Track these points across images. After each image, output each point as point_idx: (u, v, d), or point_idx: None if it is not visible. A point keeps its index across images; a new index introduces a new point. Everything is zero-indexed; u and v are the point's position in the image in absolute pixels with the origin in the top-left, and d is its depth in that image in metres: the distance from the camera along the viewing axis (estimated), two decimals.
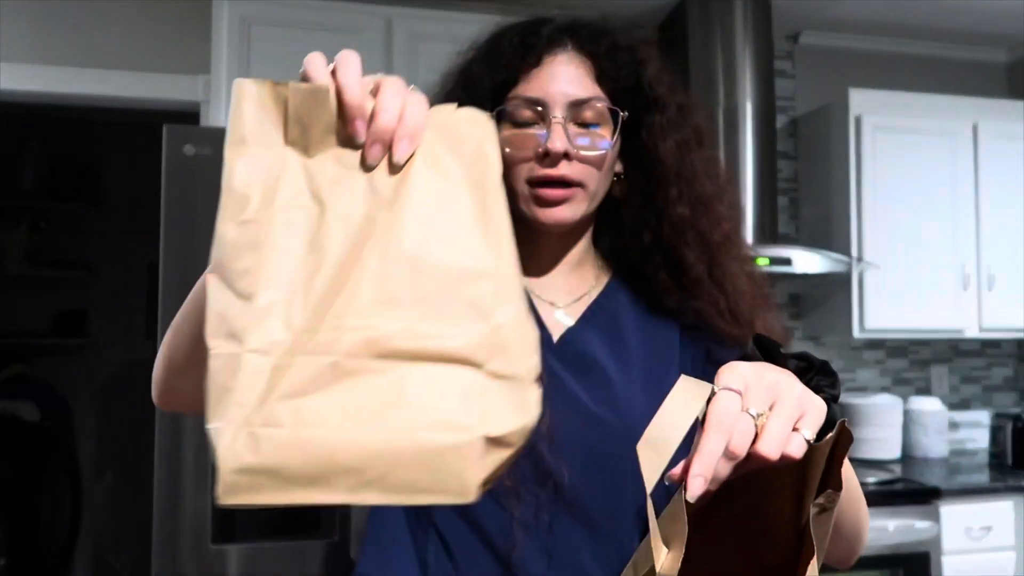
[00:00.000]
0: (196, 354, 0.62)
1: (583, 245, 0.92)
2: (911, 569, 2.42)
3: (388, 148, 0.53)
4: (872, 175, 2.83)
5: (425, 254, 0.50)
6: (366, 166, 0.52)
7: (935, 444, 2.96)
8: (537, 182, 0.83)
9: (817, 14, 3.07)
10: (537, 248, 0.90)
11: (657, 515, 0.50)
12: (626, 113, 0.86)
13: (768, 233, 2.79)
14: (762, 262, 2.61)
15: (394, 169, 0.52)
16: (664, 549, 0.48)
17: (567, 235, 0.90)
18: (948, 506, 2.48)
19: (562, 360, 0.85)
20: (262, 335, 0.46)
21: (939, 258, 2.88)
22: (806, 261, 2.65)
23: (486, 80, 0.86)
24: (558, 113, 0.83)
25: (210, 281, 0.48)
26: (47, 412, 3.63)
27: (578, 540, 0.80)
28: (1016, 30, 3.21)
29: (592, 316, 0.89)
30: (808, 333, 3.14)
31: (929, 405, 3.00)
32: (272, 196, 0.50)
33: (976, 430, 3.27)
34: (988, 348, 3.33)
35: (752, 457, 0.50)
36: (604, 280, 0.92)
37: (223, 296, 0.48)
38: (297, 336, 0.47)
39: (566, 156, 0.82)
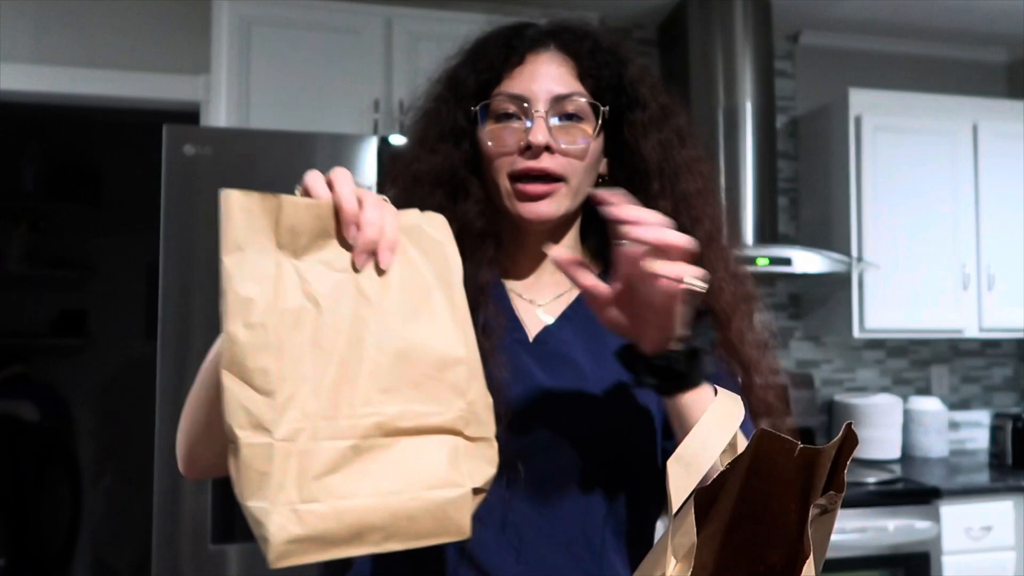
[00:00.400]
0: (211, 431, 0.70)
1: (568, 243, 0.92)
2: (911, 569, 2.42)
3: (373, 256, 0.62)
4: (872, 175, 2.83)
5: (411, 347, 0.61)
6: (354, 270, 0.62)
7: (935, 444, 2.96)
8: (519, 176, 0.85)
9: (817, 14, 3.07)
10: (522, 247, 0.91)
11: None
12: (607, 108, 0.87)
13: (768, 233, 2.79)
14: (762, 262, 2.61)
15: (378, 273, 0.63)
16: (673, 560, 0.49)
17: (551, 233, 0.90)
18: (948, 506, 2.48)
19: (536, 358, 0.86)
20: (286, 425, 0.56)
21: (939, 258, 2.88)
22: (806, 261, 2.65)
23: (471, 80, 0.89)
24: (540, 108, 0.84)
25: (227, 378, 0.57)
26: (47, 412, 3.63)
27: (539, 531, 0.81)
28: (1016, 30, 3.21)
29: (572, 314, 0.90)
30: (808, 333, 3.14)
31: (929, 405, 3.00)
32: (274, 300, 0.59)
33: (976, 430, 3.27)
34: (988, 348, 3.33)
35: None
36: None
37: (243, 392, 0.56)
38: (315, 423, 0.57)
39: (548, 149, 0.84)
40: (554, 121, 0.85)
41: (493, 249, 0.87)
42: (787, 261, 2.64)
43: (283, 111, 2.32)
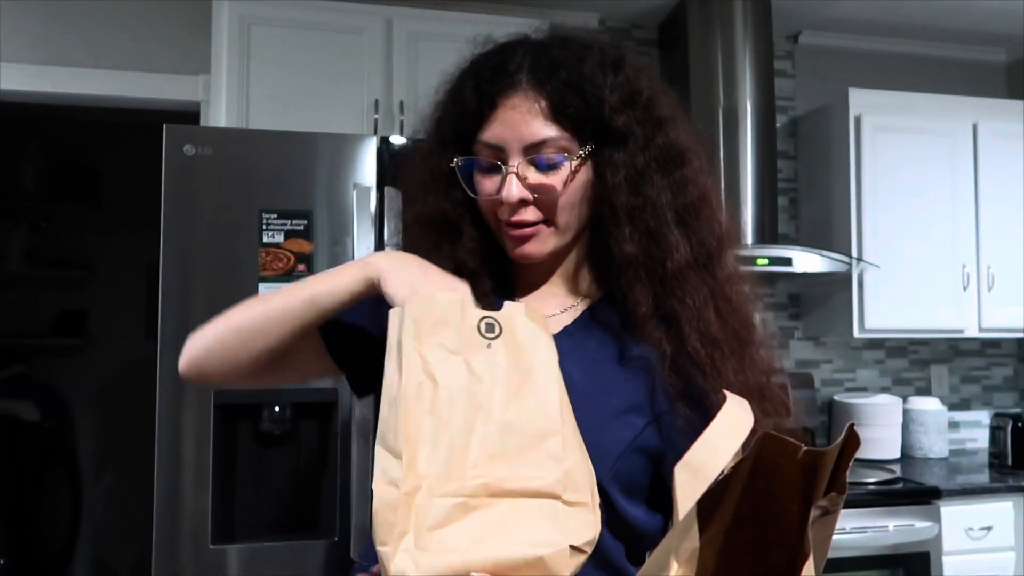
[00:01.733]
0: (260, 343, 0.88)
1: (571, 264, 0.94)
2: (911, 569, 2.42)
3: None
4: (872, 175, 2.83)
5: (514, 420, 0.70)
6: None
7: (935, 444, 2.96)
8: (506, 223, 0.88)
9: (817, 14, 3.07)
10: (527, 270, 0.94)
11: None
12: (587, 144, 0.86)
13: (768, 233, 2.79)
14: (762, 262, 2.62)
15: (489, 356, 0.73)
16: (675, 565, 0.49)
17: (549, 267, 0.93)
18: (948, 506, 2.48)
19: None
20: (409, 482, 0.65)
21: (939, 258, 2.88)
22: (806, 261, 2.65)
23: (450, 128, 0.91)
24: (513, 162, 0.84)
25: (378, 448, 0.69)
26: (47, 412, 3.63)
27: None
28: (1016, 30, 3.21)
29: (574, 330, 0.91)
30: (808, 333, 3.14)
31: (929, 405, 3.00)
32: (402, 378, 0.71)
33: (976, 430, 3.28)
34: (988, 348, 3.34)
35: None
36: (596, 296, 0.94)
37: (384, 456, 0.68)
38: (431, 482, 0.66)
39: (523, 203, 0.85)
40: (531, 171, 0.85)
41: (488, 286, 0.90)
42: (787, 261, 2.64)
43: (283, 111, 2.32)
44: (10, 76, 2.50)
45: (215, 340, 0.91)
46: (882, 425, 2.90)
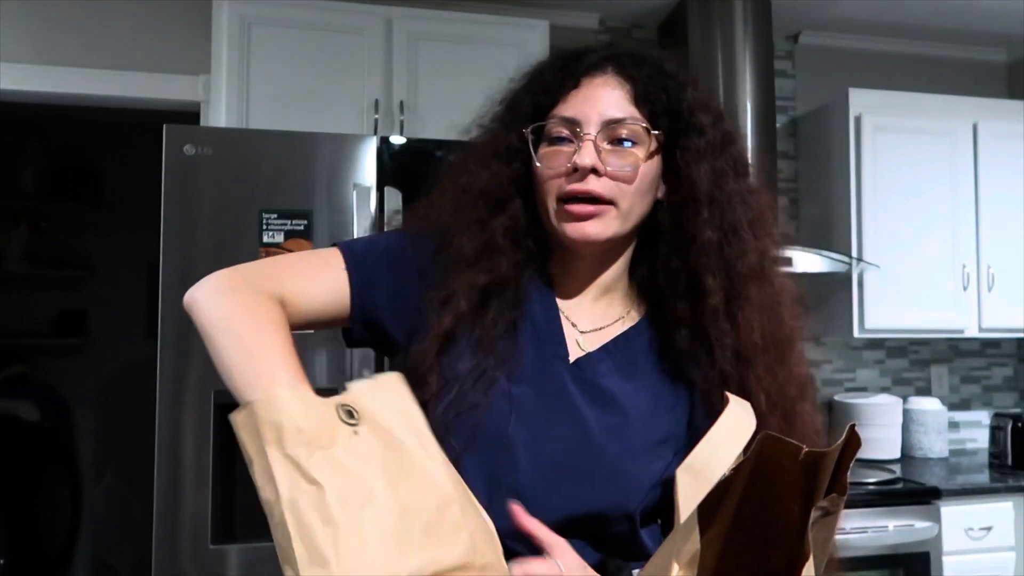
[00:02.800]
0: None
1: (615, 272, 0.92)
2: (911, 569, 2.42)
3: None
4: (872, 175, 2.83)
5: (409, 502, 0.65)
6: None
7: (935, 444, 2.96)
8: (567, 198, 0.85)
9: (817, 14, 3.07)
10: (569, 269, 0.92)
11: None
12: (661, 132, 0.87)
13: None
14: None
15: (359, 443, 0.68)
16: (676, 567, 0.49)
17: (599, 259, 0.91)
18: (948, 506, 2.48)
19: (574, 380, 0.86)
20: None
21: (939, 258, 2.88)
22: (806, 261, 2.65)
23: (527, 103, 0.90)
24: (591, 130, 0.84)
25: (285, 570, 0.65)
26: (47, 412, 3.63)
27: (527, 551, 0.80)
28: (1016, 30, 3.21)
29: (614, 349, 0.89)
30: (808, 333, 3.13)
31: (929, 405, 3.00)
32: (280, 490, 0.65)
33: (976, 430, 3.27)
34: (988, 348, 3.33)
35: None
36: (635, 318, 0.92)
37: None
38: None
39: (595, 172, 0.84)
40: (605, 145, 0.85)
41: (508, 265, 0.88)
42: (787, 261, 2.64)
43: (283, 111, 2.32)
44: (10, 76, 2.50)
45: (211, 319, 0.81)
46: (882, 425, 2.90)
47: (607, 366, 0.87)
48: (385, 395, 0.71)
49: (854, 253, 2.80)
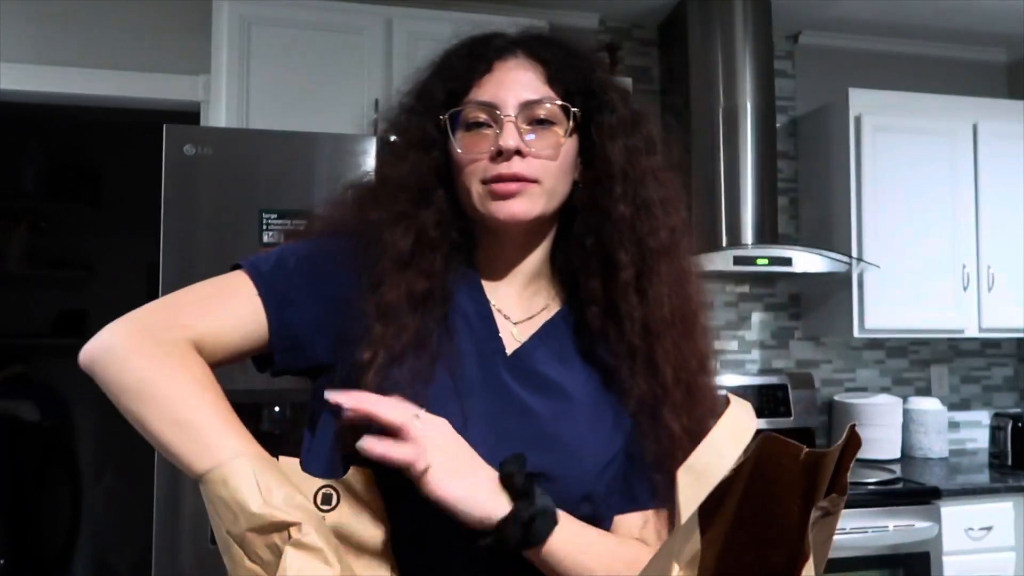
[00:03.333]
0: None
1: (539, 257, 0.91)
2: (911, 569, 2.42)
3: None
4: (872, 175, 2.83)
5: None
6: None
7: (935, 444, 2.96)
8: (492, 180, 0.84)
9: (817, 14, 3.07)
10: (495, 258, 0.91)
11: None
12: (578, 110, 0.87)
13: (768, 233, 2.79)
14: (762, 262, 2.62)
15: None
16: (676, 567, 0.49)
17: (524, 244, 0.90)
18: (948, 506, 2.48)
19: (513, 373, 0.85)
20: None
21: (939, 258, 2.88)
22: (806, 261, 2.65)
23: (439, 90, 0.89)
24: (510, 112, 0.84)
25: None
26: (47, 412, 3.63)
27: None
28: (1016, 30, 3.21)
29: (546, 336, 0.89)
30: (808, 333, 3.14)
31: (929, 405, 3.00)
32: None
33: (976, 430, 3.27)
34: (988, 348, 3.34)
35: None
36: (557, 306, 0.92)
37: None
38: None
39: (519, 153, 0.83)
40: (525, 126, 0.85)
41: (442, 260, 0.85)
42: (787, 261, 2.64)
43: (283, 111, 2.32)
44: (10, 76, 2.50)
45: (120, 380, 0.80)
46: (882, 425, 2.90)
47: (542, 353, 0.87)
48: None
49: (854, 253, 2.80)
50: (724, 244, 2.74)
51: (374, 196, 0.88)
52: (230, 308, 0.81)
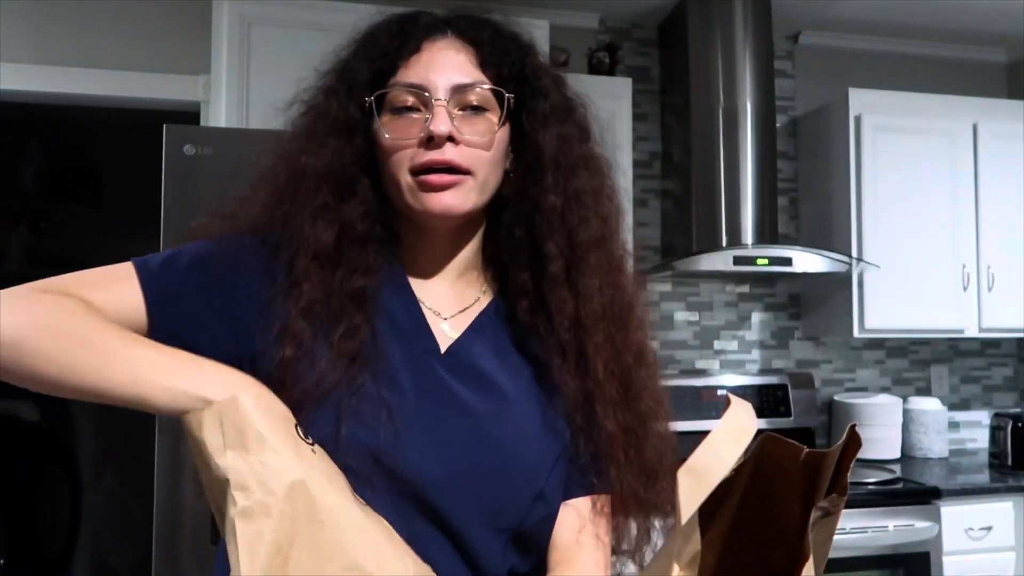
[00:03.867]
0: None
1: (471, 251, 0.87)
2: (911, 569, 2.42)
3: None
4: (872, 175, 2.83)
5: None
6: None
7: (935, 444, 2.96)
8: (422, 169, 0.79)
9: (817, 14, 3.07)
10: (423, 253, 0.86)
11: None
12: (512, 96, 0.82)
13: (768, 233, 2.79)
14: (762, 262, 2.61)
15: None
16: (676, 568, 0.49)
17: (454, 238, 0.86)
18: (948, 506, 2.48)
19: (450, 370, 0.81)
20: None
21: (939, 258, 2.88)
22: (806, 261, 2.65)
23: (364, 71, 0.83)
24: (441, 96, 0.79)
25: None
26: (47, 412, 3.63)
27: (436, 546, 0.76)
28: (1016, 30, 3.21)
29: (480, 328, 0.85)
30: (808, 333, 3.14)
31: (929, 405, 3.00)
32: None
33: (976, 430, 3.28)
34: (988, 348, 3.34)
35: None
36: (489, 297, 0.88)
37: None
38: None
39: (451, 140, 0.78)
40: (457, 111, 0.79)
41: (374, 255, 0.81)
42: (787, 261, 2.64)
43: (283, 111, 2.32)
44: (10, 76, 2.50)
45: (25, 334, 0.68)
46: (882, 425, 2.90)
47: (479, 347, 0.83)
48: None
49: (854, 253, 2.80)
50: (724, 244, 2.74)
51: (292, 188, 0.82)
52: (116, 290, 0.76)
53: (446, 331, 0.84)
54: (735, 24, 2.80)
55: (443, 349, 0.82)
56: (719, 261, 2.62)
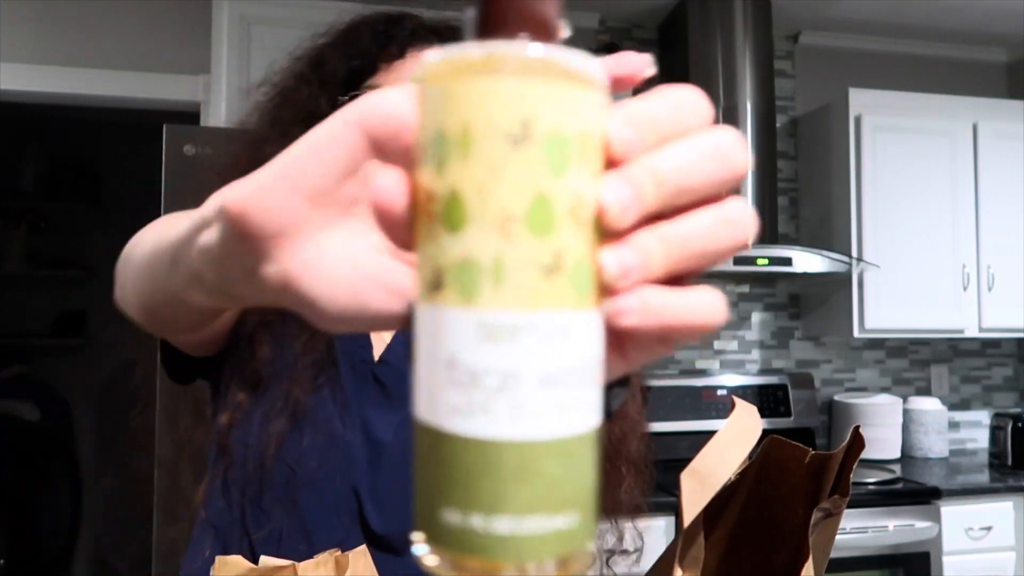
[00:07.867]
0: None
1: None
2: (911, 569, 2.42)
3: None
4: (872, 175, 2.83)
5: None
6: None
7: (935, 444, 2.96)
8: None
9: (817, 14, 3.07)
10: None
11: None
12: None
13: (768, 233, 2.79)
14: (762, 262, 2.61)
15: None
16: (679, 571, 0.49)
17: None
18: (948, 506, 2.48)
19: (387, 378, 0.76)
20: None
21: (939, 258, 2.88)
22: (806, 261, 2.65)
23: (340, 66, 0.80)
24: None
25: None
26: (47, 412, 3.63)
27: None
28: (1016, 30, 3.21)
29: (392, 359, 0.80)
30: (808, 333, 3.14)
31: (929, 405, 3.00)
32: None
33: (976, 430, 3.28)
34: (988, 348, 3.34)
35: None
36: None
37: None
38: None
39: None
40: None
41: None
42: (787, 261, 2.64)
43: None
44: (10, 76, 2.49)
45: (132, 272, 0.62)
46: (882, 425, 2.90)
47: (407, 348, 0.77)
48: None
49: (854, 253, 2.80)
50: None
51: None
52: None
53: (384, 336, 0.79)
54: (735, 24, 2.79)
55: (376, 357, 0.78)
56: None
